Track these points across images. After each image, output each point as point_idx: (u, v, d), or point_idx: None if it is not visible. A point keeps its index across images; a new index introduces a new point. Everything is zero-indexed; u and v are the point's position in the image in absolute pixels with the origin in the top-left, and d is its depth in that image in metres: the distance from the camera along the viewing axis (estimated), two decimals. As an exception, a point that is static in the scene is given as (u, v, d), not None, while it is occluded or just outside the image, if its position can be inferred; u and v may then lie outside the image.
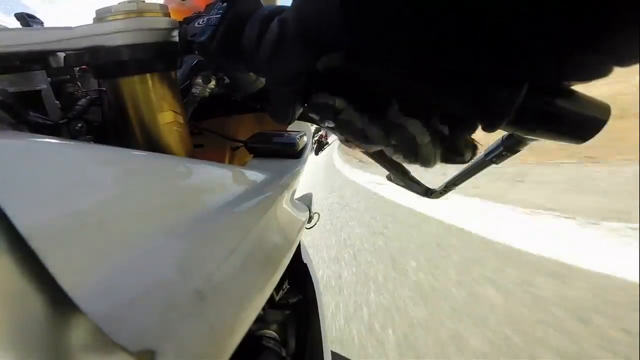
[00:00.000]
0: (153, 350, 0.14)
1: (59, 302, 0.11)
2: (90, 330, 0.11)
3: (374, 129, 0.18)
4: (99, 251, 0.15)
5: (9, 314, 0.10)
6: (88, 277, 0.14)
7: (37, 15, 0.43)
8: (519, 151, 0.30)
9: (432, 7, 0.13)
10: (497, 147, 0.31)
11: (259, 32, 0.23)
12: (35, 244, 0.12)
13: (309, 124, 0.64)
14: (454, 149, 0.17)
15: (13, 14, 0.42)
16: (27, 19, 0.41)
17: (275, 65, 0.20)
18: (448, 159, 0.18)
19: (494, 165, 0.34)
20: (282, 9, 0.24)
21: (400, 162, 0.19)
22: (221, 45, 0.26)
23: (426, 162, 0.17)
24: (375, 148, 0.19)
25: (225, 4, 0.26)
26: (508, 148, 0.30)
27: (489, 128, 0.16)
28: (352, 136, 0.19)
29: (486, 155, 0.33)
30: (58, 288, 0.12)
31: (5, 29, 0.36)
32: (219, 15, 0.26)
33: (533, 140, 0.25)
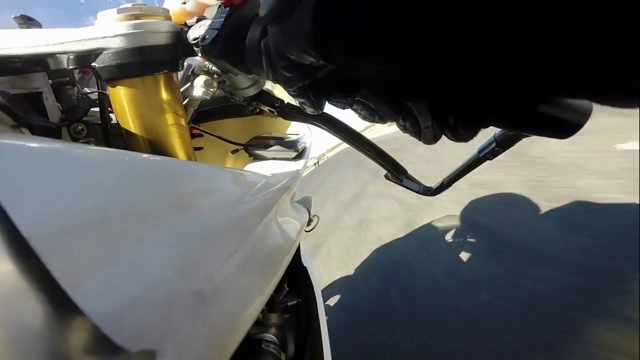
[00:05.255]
0: (153, 350, 0.14)
1: (59, 302, 0.11)
2: (91, 330, 0.11)
3: (385, 109, 0.19)
4: (99, 252, 0.15)
5: (9, 314, 0.10)
6: (88, 278, 0.14)
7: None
8: (511, 146, 0.31)
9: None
10: (490, 143, 0.32)
11: (260, 37, 0.23)
12: (36, 244, 0.12)
13: (308, 125, 0.64)
14: (456, 133, 0.18)
15: (12, 17, 0.42)
16: (26, 22, 0.42)
17: (281, 84, 0.21)
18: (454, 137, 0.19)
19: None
20: None
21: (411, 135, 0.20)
22: (224, 48, 0.27)
23: (427, 142, 0.19)
24: (389, 123, 0.20)
25: (227, 8, 0.27)
26: (500, 144, 0.31)
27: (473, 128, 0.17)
28: (368, 114, 0.20)
29: (479, 151, 0.34)
30: (58, 288, 0.12)
31: (8, 30, 0.36)
32: (222, 19, 0.27)
33: (524, 136, 0.25)
